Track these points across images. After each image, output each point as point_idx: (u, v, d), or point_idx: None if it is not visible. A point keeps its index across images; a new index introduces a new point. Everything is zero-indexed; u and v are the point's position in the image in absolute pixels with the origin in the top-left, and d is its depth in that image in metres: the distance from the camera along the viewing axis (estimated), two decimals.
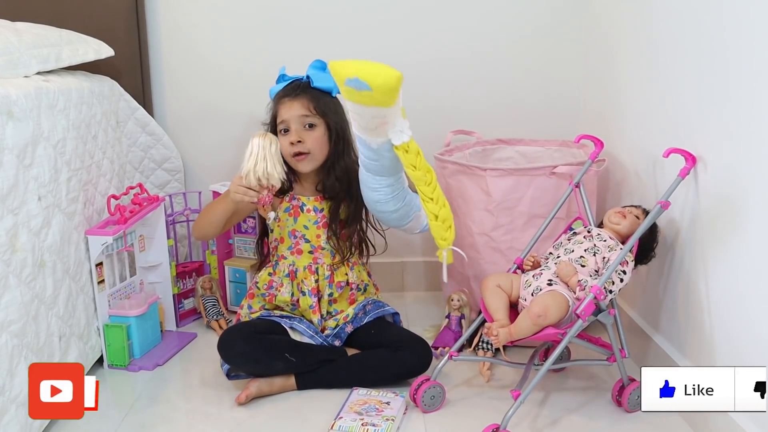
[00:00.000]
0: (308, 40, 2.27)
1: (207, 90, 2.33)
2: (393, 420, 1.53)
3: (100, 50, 2.03)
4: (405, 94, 2.32)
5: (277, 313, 1.84)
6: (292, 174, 1.85)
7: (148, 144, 2.24)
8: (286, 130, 1.79)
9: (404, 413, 1.61)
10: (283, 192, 1.84)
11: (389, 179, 1.61)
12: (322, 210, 1.84)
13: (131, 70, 2.23)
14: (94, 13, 2.17)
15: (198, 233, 1.90)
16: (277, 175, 1.67)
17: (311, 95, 1.79)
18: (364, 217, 1.88)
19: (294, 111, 1.77)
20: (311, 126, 1.78)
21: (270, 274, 1.87)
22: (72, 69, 1.95)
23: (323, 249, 1.84)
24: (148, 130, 2.22)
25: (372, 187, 1.63)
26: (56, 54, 1.82)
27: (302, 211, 1.84)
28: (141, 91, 2.25)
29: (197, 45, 2.31)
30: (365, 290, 1.91)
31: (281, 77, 1.85)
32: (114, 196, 1.89)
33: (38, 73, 1.74)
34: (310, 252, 1.84)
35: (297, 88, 1.80)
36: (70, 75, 1.89)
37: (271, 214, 1.75)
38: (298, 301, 1.83)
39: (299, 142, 1.77)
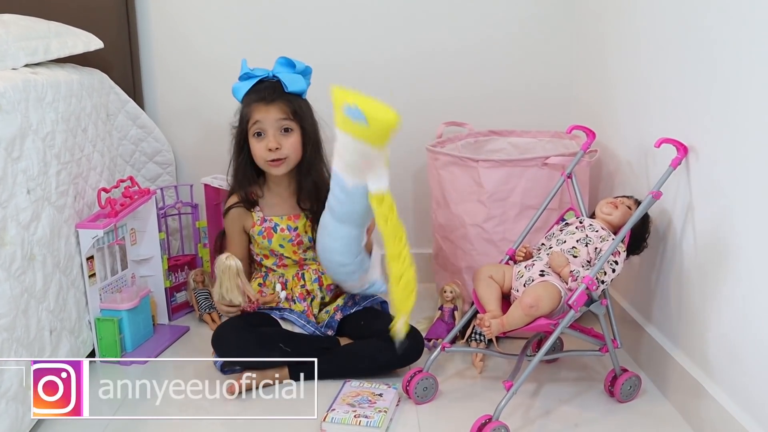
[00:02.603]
0: (300, 33, 2.26)
1: (198, 82, 2.32)
2: (386, 411, 1.53)
3: (90, 42, 2.01)
4: (397, 86, 2.33)
5: (267, 306, 1.84)
6: (257, 187, 1.85)
7: (138, 137, 2.23)
8: (260, 134, 1.77)
9: (397, 405, 1.61)
10: (251, 203, 1.85)
11: (352, 230, 1.63)
12: (296, 228, 1.85)
13: (121, 62, 2.22)
14: (83, 4, 2.15)
15: None
16: (236, 300, 1.69)
17: (286, 99, 1.77)
18: None
19: (271, 116, 1.76)
20: (287, 130, 1.78)
21: (260, 285, 1.88)
22: (61, 61, 1.93)
23: (306, 260, 1.87)
24: (138, 123, 2.21)
25: (332, 235, 1.66)
26: (45, 46, 1.81)
27: (275, 231, 1.84)
28: (131, 83, 2.24)
29: (188, 37, 2.29)
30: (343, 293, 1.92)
31: (246, 75, 1.80)
32: (104, 189, 1.88)
33: (26, 66, 1.73)
34: (295, 263, 1.87)
35: (272, 92, 1.77)
36: (59, 67, 1.88)
37: (282, 294, 1.81)
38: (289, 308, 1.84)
39: (277, 148, 1.76)
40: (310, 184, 1.83)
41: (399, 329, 1.50)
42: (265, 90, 1.77)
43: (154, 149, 2.26)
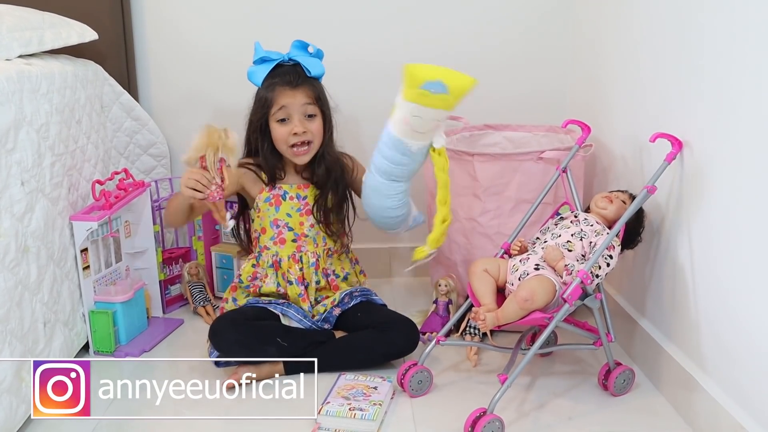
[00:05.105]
0: (295, 26, 2.25)
1: (193, 74, 2.31)
2: (380, 404, 1.53)
3: (84, 34, 2.00)
4: (394, 81, 2.30)
5: (265, 299, 1.83)
6: (281, 163, 1.85)
7: (133, 129, 2.22)
8: (284, 120, 1.77)
9: (392, 398, 1.61)
10: (273, 180, 1.84)
11: (405, 185, 1.67)
12: (305, 197, 1.85)
13: (116, 54, 2.20)
14: None
15: (166, 223, 2.08)
16: (230, 143, 1.60)
17: (311, 85, 1.78)
18: (347, 205, 1.89)
19: (297, 101, 1.76)
20: (311, 116, 1.79)
21: (254, 266, 1.88)
22: (55, 53, 1.92)
23: (306, 236, 1.85)
24: (133, 115, 2.20)
25: (388, 194, 1.67)
26: (39, 37, 1.80)
27: (284, 199, 1.84)
28: (126, 75, 2.22)
29: (182, 28, 2.28)
30: (346, 279, 1.92)
31: (262, 58, 1.79)
32: (99, 182, 1.88)
33: (20, 57, 1.72)
34: (294, 241, 1.84)
35: (296, 77, 1.77)
36: (53, 59, 1.87)
37: (230, 222, 1.71)
38: (285, 292, 1.83)
39: (304, 132, 1.77)
40: (323, 169, 1.83)
41: (419, 252, 1.61)
42: (289, 74, 1.77)
43: (148, 141, 2.26)
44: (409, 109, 1.54)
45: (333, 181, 1.84)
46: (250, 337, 1.69)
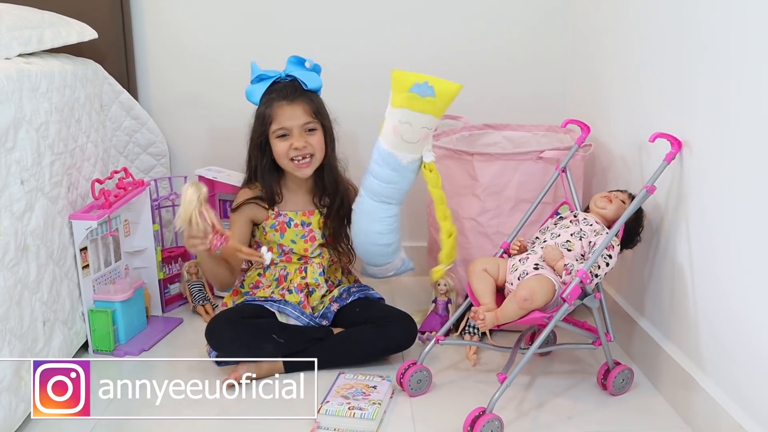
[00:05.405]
0: (292, 28, 2.25)
1: (192, 74, 2.31)
2: (380, 404, 1.53)
3: (83, 32, 2.00)
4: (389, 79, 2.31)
5: (261, 297, 1.84)
6: (278, 186, 1.85)
7: (132, 128, 2.22)
8: (284, 135, 1.77)
9: (391, 397, 1.62)
10: (272, 204, 1.84)
11: (395, 208, 1.70)
12: (309, 224, 1.85)
13: (115, 53, 2.20)
14: None
15: (219, 288, 2.11)
16: (194, 225, 1.55)
17: (308, 98, 1.77)
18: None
19: (296, 116, 1.75)
20: (311, 130, 1.78)
21: (259, 275, 1.88)
22: (54, 51, 1.92)
23: (311, 257, 1.86)
24: (132, 114, 2.20)
25: (379, 217, 1.70)
26: (38, 36, 1.80)
27: (289, 226, 1.84)
28: (125, 74, 2.22)
29: (182, 28, 2.28)
30: (338, 285, 1.92)
31: (258, 77, 1.79)
32: (98, 180, 1.88)
33: (20, 56, 1.72)
34: (300, 259, 1.86)
35: (293, 91, 1.76)
36: (53, 57, 1.87)
37: (268, 256, 1.68)
38: (282, 299, 1.83)
39: (304, 146, 1.76)
40: (331, 181, 1.84)
41: (437, 273, 1.68)
42: (286, 89, 1.76)
43: (147, 140, 2.25)
44: (398, 116, 1.56)
45: (341, 195, 1.84)
46: (247, 334, 1.69)
